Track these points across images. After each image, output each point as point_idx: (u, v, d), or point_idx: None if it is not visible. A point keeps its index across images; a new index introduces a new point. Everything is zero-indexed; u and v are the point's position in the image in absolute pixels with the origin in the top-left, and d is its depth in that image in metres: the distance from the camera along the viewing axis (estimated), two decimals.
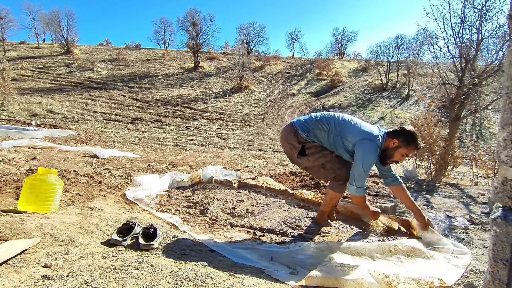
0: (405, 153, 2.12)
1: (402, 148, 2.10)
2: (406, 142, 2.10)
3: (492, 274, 0.77)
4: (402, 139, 2.10)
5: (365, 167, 2.03)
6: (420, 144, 2.11)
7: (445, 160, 5.91)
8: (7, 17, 26.93)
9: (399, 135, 2.12)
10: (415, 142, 2.09)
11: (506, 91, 0.73)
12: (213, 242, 1.92)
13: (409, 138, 2.10)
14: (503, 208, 0.78)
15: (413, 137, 2.09)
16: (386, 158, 2.16)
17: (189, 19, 26.90)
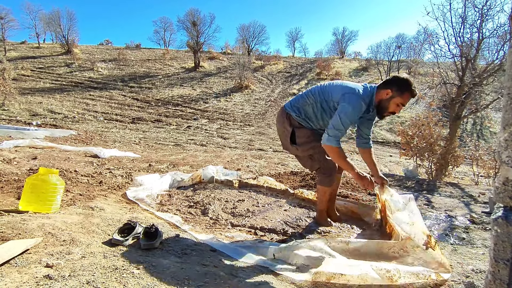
0: (401, 103, 2.03)
1: (397, 97, 2.02)
2: (399, 91, 2.01)
3: (493, 274, 0.77)
4: (395, 88, 2.01)
5: (342, 117, 1.97)
6: (415, 91, 2.00)
7: (446, 159, 5.91)
8: (7, 17, 26.95)
9: (392, 84, 2.03)
10: (409, 89, 1.99)
11: (507, 92, 0.73)
12: (215, 241, 1.93)
13: (402, 86, 2.00)
14: (504, 208, 0.78)
15: (406, 84, 1.99)
16: (382, 110, 2.09)
17: (189, 18, 26.89)
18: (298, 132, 2.22)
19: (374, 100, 2.09)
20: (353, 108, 1.98)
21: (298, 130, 2.22)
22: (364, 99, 2.03)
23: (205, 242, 1.91)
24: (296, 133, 2.22)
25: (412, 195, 1.96)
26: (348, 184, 3.84)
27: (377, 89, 2.09)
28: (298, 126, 2.22)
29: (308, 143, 2.21)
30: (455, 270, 1.76)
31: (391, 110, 2.06)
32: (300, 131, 2.22)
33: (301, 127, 2.23)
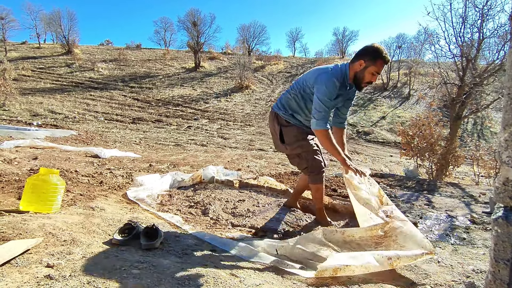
0: (375, 71, 2.03)
1: (371, 66, 2.02)
2: (372, 60, 2.01)
3: (494, 274, 0.77)
4: (367, 57, 2.02)
5: (320, 97, 2.01)
6: (387, 57, 2.00)
7: (446, 159, 5.91)
8: (8, 18, 26.95)
9: (364, 54, 2.04)
10: (381, 56, 1.99)
11: (507, 92, 0.73)
12: (218, 240, 1.94)
13: (373, 54, 2.01)
14: (504, 208, 0.78)
15: (376, 51, 2.00)
16: (359, 81, 2.10)
17: (189, 19, 26.89)
18: (286, 130, 2.27)
19: (348, 75, 2.11)
20: (326, 86, 2.02)
21: (286, 128, 2.27)
22: (335, 76, 2.06)
23: (207, 240, 1.92)
24: (284, 132, 2.28)
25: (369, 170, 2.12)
26: None
27: (350, 64, 2.11)
28: (285, 124, 2.28)
29: (296, 142, 2.26)
30: (456, 270, 1.76)
31: (367, 80, 2.08)
32: (288, 130, 2.27)
33: (289, 125, 2.28)
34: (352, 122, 17.33)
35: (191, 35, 26.67)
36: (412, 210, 2.97)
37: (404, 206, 3.13)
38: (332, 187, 3.46)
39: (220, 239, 1.97)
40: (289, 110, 2.27)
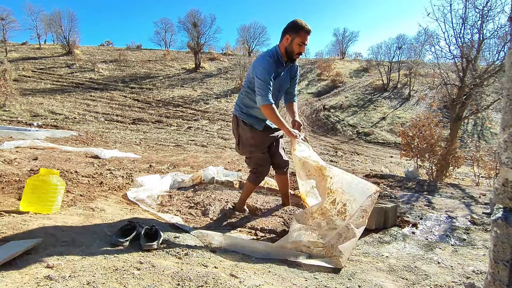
0: (301, 42, 2.22)
1: (296, 38, 2.21)
2: (295, 32, 2.21)
3: (493, 275, 0.77)
4: (291, 32, 2.22)
5: (259, 76, 2.18)
6: (307, 27, 2.20)
7: (447, 160, 5.91)
8: (8, 18, 27.00)
9: (287, 30, 2.24)
10: (302, 27, 2.20)
11: (507, 93, 0.73)
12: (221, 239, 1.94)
13: (295, 27, 2.21)
14: (503, 210, 0.78)
15: (298, 24, 2.21)
16: (291, 54, 2.28)
17: (190, 19, 26.91)
18: (242, 132, 2.46)
19: (280, 52, 2.28)
20: (262, 66, 2.20)
21: (242, 131, 2.45)
22: (268, 55, 2.26)
23: (209, 239, 1.91)
24: (240, 133, 2.47)
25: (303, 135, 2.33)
26: None
27: (279, 43, 2.31)
28: (243, 127, 2.44)
29: (248, 146, 2.47)
30: (456, 271, 1.76)
31: (297, 52, 2.26)
32: (244, 133, 2.45)
33: (245, 127, 2.43)
34: (352, 123, 17.34)
35: (191, 36, 26.70)
36: (412, 211, 2.97)
37: (405, 207, 3.13)
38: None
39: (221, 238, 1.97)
40: (245, 108, 2.43)
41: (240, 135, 2.47)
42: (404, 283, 1.59)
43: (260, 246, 1.89)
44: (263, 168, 2.56)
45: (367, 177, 5.04)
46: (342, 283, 1.54)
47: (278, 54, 2.28)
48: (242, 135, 2.46)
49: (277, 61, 2.28)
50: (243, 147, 2.50)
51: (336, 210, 1.98)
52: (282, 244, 1.88)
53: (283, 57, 2.29)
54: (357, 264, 1.82)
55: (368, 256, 1.95)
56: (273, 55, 2.27)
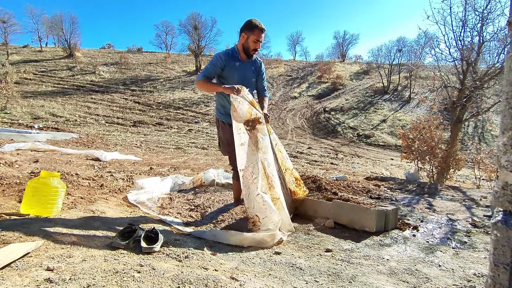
0: (255, 39, 2.45)
1: (250, 36, 2.44)
2: (250, 30, 2.43)
3: (493, 278, 0.77)
4: (246, 30, 2.45)
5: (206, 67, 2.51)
6: (260, 25, 2.42)
7: (447, 163, 5.89)
8: (10, 21, 27.16)
9: (243, 29, 2.47)
10: (256, 26, 2.42)
11: (506, 97, 0.73)
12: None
13: (249, 26, 2.43)
14: (503, 212, 0.78)
15: (252, 23, 2.42)
16: (248, 50, 2.50)
17: (190, 22, 27.05)
18: (221, 133, 2.65)
19: (237, 49, 2.53)
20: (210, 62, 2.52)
21: (221, 131, 2.64)
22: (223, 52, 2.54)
23: (210, 237, 1.91)
24: (220, 133, 2.67)
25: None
26: (349, 188, 3.83)
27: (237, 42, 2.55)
28: (223, 127, 2.62)
29: (226, 145, 2.62)
30: (457, 274, 1.76)
31: (252, 48, 2.49)
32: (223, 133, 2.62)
33: (225, 127, 2.59)
34: (352, 125, 17.34)
35: (192, 38, 26.83)
36: (413, 214, 2.96)
37: (405, 209, 3.12)
38: (333, 190, 3.45)
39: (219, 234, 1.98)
40: (222, 109, 2.62)
41: (220, 135, 2.68)
42: (405, 286, 1.59)
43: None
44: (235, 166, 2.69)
45: (368, 179, 5.04)
46: (342, 286, 1.53)
47: (234, 50, 2.53)
48: (222, 135, 2.65)
49: (231, 55, 2.51)
50: (223, 146, 2.70)
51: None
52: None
53: (240, 53, 2.52)
54: (358, 267, 1.81)
55: (369, 259, 1.94)
56: (227, 51, 2.53)
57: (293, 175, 2.82)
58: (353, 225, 2.49)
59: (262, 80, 2.74)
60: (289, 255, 1.90)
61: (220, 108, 2.63)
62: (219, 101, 2.64)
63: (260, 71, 2.71)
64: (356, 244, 2.20)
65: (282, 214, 2.23)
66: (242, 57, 2.54)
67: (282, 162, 2.74)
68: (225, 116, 2.58)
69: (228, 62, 2.48)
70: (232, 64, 2.50)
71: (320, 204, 2.74)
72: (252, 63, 2.63)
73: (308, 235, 2.35)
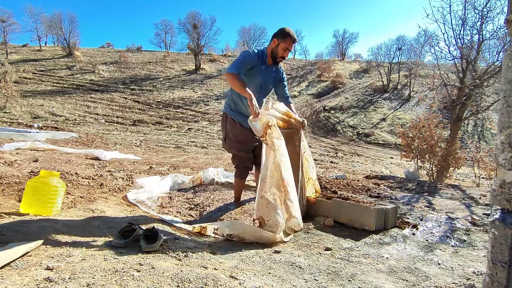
0: (285, 47, 2.45)
1: (281, 43, 2.45)
2: (282, 38, 2.44)
3: (491, 276, 0.77)
4: (278, 37, 2.45)
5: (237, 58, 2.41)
6: (294, 36, 2.44)
7: (447, 161, 5.90)
8: (9, 20, 27.08)
9: (276, 35, 2.47)
10: (289, 35, 2.43)
11: (503, 95, 0.73)
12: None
13: (283, 34, 2.44)
14: (501, 211, 0.78)
15: (286, 32, 2.44)
16: (275, 56, 2.51)
17: (190, 21, 26.98)
18: (230, 129, 2.62)
19: (266, 54, 2.52)
20: (242, 54, 2.43)
21: (230, 127, 2.61)
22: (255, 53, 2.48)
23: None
24: (228, 129, 2.63)
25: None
26: (348, 186, 3.83)
27: (267, 46, 2.55)
28: (231, 123, 2.60)
29: (235, 142, 2.62)
30: (456, 272, 1.76)
31: (281, 55, 2.50)
32: (232, 129, 2.60)
33: (234, 123, 2.58)
34: (352, 124, 17.34)
35: (191, 37, 26.76)
36: (413, 212, 2.97)
37: (405, 208, 3.12)
38: (332, 189, 3.46)
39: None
40: (233, 105, 2.61)
41: (228, 131, 2.63)
42: (404, 285, 1.59)
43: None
44: (246, 164, 2.72)
45: (368, 178, 5.04)
46: (342, 284, 1.54)
47: (264, 53, 2.52)
48: (230, 131, 2.61)
49: (260, 57, 2.50)
50: (230, 144, 2.65)
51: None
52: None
53: (268, 57, 2.52)
54: (357, 265, 1.81)
55: (368, 258, 1.95)
56: (258, 52, 2.49)
57: (314, 186, 2.77)
58: (352, 223, 2.49)
59: (285, 87, 2.73)
60: (288, 254, 1.90)
61: (231, 104, 2.62)
62: (232, 97, 2.61)
63: (281, 79, 2.71)
64: (355, 243, 2.20)
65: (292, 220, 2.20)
66: (268, 62, 2.54)
67: (307, 171, 2.70)
68: (236, 113, 2.59)
69: (257, 63, 2.47)
70: (259, 66, 2.49)
71: (320, 202, 2.74)
72: (275, 70, 2.64)
73: (308, 233, 2.36)
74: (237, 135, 2.59)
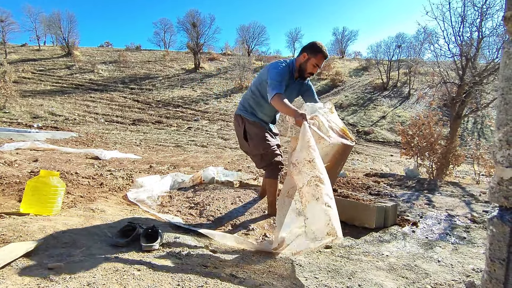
0: (316, 63, 2.31)
1: (312, 59, 2.30)
2: (313, 53, 2.29)
3: (489, 273, 0.78)
4: (309, 51, 2.30)
5: (272, 76, 2.20)
6: (326, 52, 2.31)
7: (447, 158, 5.90)
8: (8, 20, 27.00)
9: (306, 49, 2.32)
10: (321, 51, 2.29)
11: (501, 92, 0.73)
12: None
13: (314, 49, 2.29)
14: (499, 208, 0.78)
15: (317, 47, 2.30)
16: (303, 71, 2.36)
17: (189, 20, 26.92)
18: (249, 127, 2.47)
19: (295, 66, 2.37)
20: (277, 70, 2.24)
21: (249, 125, 2.47)
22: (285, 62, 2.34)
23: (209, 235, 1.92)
24: (247, 129, 2.47)
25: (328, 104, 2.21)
26: (348, 184, 3.84)
27: (296, 58, 2.40)
28: (249, 122, 2.46)
29: (257, 139, 2.45)
30: (456, 269, 1.77)
31: (309, 71, 2.36)
32: (251, 127, 2.46)
33: (252, 123, 2.46)
34: (352, 121, 17.33)
35: (190, 36, 26.71)
36: (413, 210, 2.97)
37: (405, 205, 3.13)
38: (332, 187, 3.46)
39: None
40: (249, 109, 2.49)
41: (247, 130, 2.46)
42: (404, 282, 1.60)
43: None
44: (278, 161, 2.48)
45: (367, 176, 5.05)
46: (342, 282, 1.54)
47: (293, 66, 2.36)
48: (250, 129, 2.45)
49: (290, 71, 2.35)
50: (254, 143, 2.45)
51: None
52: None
53: (295, 71, 2.38)
54: (357, 263, 1.82)
55: (368, 255, 1.95)
56: (288, 65, 2.33)
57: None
58: (352, 221, 2.50)
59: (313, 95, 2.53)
60: (288, 252, 1.91)
61: (247, 107, 2.48)
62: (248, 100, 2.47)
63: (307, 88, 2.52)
64: (355, 241, 2.21)
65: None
66: (295, 75, 2.40)
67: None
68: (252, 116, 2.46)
69: (287, 78, 2.33)
70: (287, 80, 2.34)
71: None
72: (300, 84, 2.48)
73: None
74: (259, 133, 2.45)
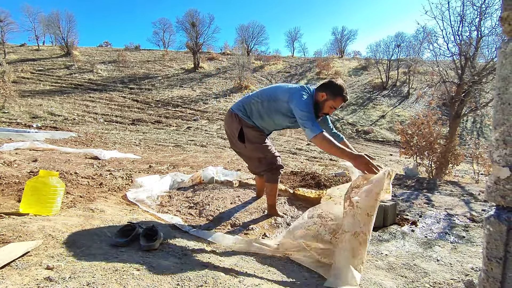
0: (333, 105, 2.17)
1: (330, 100, 2.16)
2: (333, 95, 2.15)
3: (486, 272, 0.78)
4: (329, 92, 2.15)
5: (303, 108, 2.05)
6: (347, 96, 2.16)
7: (446, 158, 5.91)
8: (6, 20, 26.97)
9: (327, 88, 2.17)
10: (341, 94, 2.14)
11: (497, 92, 0.74)
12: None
13: (335, 91, 2.14)
14: (496, 207, 0.79)
15: (339, 89, 2.14)
16: (318, 111, 2.20)
17: (188, 19, 26.90)
18: (247, 130, 2.35)
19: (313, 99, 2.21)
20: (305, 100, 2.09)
21: (247, 129, 2.35)
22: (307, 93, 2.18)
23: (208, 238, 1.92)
24: (245, 131, 2.35)
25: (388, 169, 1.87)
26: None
27: (315, 90, 2.24)
28: (246, 125, 2.35)
29: (256, 143, 2.37)
30: (455, 268, 1.77)
31: (325, 111, 2.21)
32: (248, 130, 2.35)
33: (249, 126, 2.35)
34: (351, 121, 17.34)
35: (190, 36, 26.69)
36: (412, 209, 2.98)
37: (404, 205, 3.13)
38: (332, 186, 3.47)
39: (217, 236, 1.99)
40: (248, 112, 2.36)
41: (244, 133, 2.35)
42: (403, 281, 1.60)
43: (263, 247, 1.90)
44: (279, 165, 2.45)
45: None
46: None
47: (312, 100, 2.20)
48: (248, 132, 2.34)
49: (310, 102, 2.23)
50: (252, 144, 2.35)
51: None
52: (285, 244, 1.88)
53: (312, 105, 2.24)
54: None
55: (367, 254, 1.95)
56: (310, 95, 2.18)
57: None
58: None
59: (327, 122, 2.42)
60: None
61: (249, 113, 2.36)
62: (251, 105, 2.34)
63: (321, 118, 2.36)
64: None
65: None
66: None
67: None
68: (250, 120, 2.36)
69: None
70: None
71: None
72: None
73: None
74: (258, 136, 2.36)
